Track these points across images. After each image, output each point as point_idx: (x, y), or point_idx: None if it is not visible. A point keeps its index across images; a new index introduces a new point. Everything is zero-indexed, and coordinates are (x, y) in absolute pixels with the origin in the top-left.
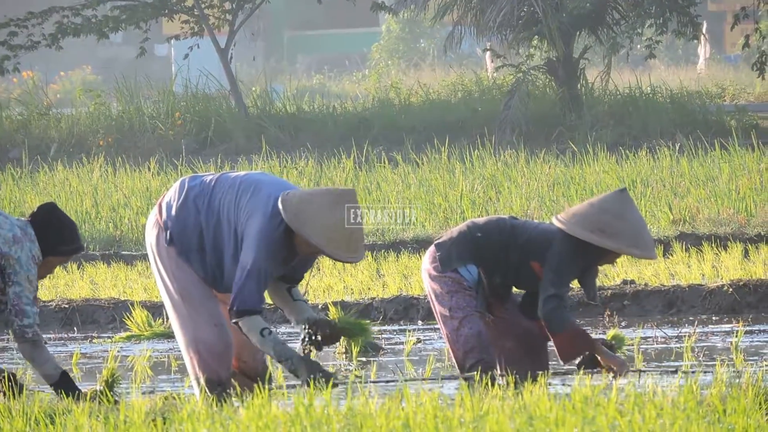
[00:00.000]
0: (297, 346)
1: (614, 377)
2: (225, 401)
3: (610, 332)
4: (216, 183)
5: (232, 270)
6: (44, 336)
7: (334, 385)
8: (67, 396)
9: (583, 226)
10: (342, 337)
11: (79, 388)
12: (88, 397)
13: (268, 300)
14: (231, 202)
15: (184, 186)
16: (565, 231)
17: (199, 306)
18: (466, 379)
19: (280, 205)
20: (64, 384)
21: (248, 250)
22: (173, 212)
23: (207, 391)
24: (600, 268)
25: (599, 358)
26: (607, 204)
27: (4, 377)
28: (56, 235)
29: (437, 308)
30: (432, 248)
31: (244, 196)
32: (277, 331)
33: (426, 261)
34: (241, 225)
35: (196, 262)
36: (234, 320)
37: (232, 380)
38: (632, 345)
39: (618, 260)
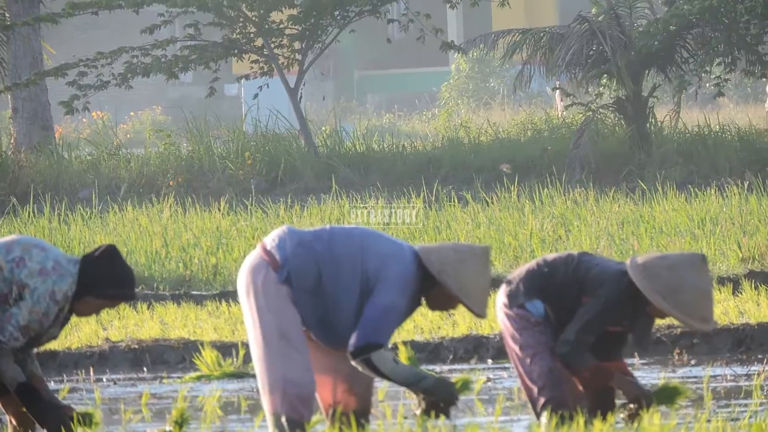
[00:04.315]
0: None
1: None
2: None
3: (662, 382)
4: (332, 230)
5: (347, 320)
6: (114, 376)
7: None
8: (30, 406)
9: (648, 279)
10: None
11: (43, 398)
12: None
13: None
14: (355, 247)
15: (295, 231)
16: (625, 274)
17: (297, 348)
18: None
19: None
20: (23, 391)
21: (385, 291)
22: (289, 252)
23: (287, 430)
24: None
25: (623, 391)
26: (679, 262)
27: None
28: (100, 277)
29: (510, 346)
30: (503, 285)
31: (368, 239)
32: None
33: (499, 298)
34: (373, 269)
35: (304, 305)
36: (362, 356)
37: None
38: (701, 384)
39: None
